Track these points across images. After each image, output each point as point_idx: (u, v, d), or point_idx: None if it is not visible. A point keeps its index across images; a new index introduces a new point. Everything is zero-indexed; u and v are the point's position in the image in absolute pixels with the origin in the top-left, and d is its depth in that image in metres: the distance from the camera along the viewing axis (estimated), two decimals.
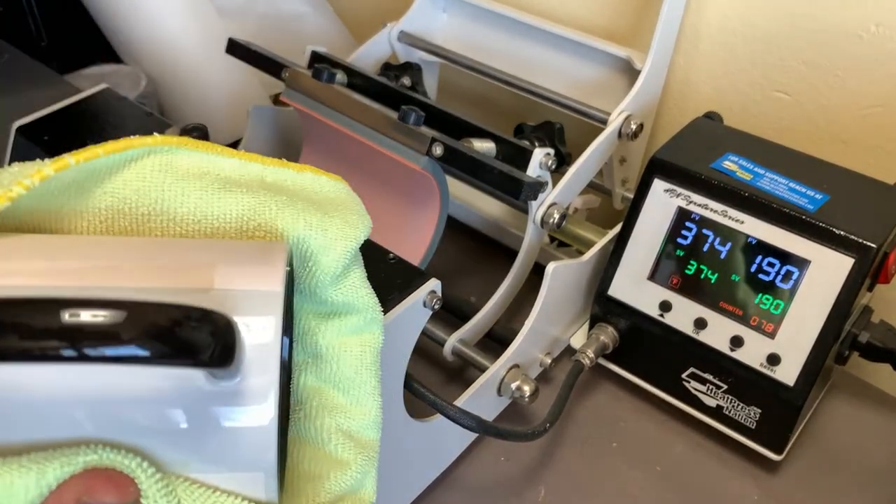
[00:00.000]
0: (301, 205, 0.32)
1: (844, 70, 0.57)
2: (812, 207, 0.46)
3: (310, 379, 0.33)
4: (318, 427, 0.33)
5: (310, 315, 0.33)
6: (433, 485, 0.49)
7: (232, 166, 0.33)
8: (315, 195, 0.34)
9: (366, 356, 0.33)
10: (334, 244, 0.32)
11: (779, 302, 0.47)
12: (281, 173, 0.34)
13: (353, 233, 0.32)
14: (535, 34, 0.65)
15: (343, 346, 0.33)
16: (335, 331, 0.33)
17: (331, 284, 0.32)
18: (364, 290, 0.33)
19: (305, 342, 0.33)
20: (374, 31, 0.69)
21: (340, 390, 0.33)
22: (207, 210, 0.31)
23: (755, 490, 0.50)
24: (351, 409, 0.33)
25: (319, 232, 0.32)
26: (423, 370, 0.57)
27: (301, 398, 0.33)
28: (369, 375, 0.33)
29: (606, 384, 0.57)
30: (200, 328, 0.23)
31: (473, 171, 0.49)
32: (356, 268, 0.34)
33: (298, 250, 0.32)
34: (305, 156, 0.61)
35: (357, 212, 0.34)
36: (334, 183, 0.35)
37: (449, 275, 0.65)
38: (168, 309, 0.23)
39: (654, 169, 0.51)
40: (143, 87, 0.74)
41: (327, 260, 0.32)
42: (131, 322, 0.22)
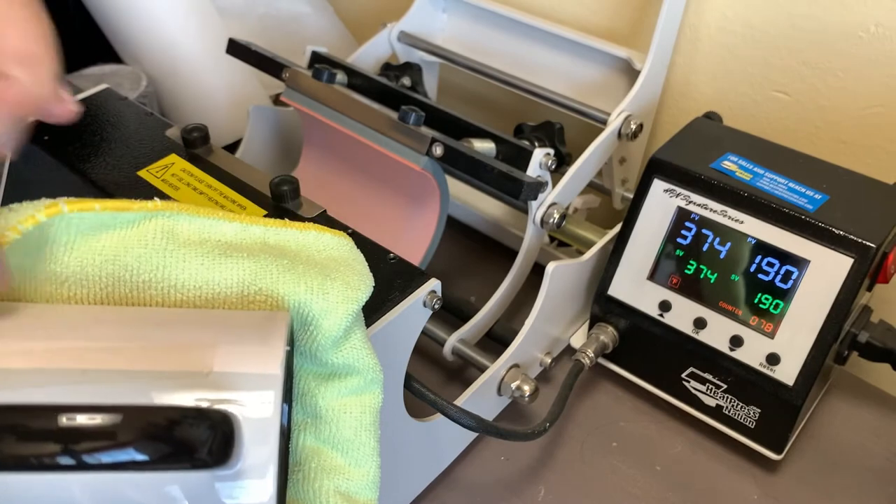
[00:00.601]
0: (302, 268, 0.32)
1: (844, 70, 0.57)
2: (811, 207, 0.47)
3: (309, 439, 0.33)
4: (316, 489, 0.32)
5: (309, 376, 0.33)
6: (433, 484, 0.49)
7: (233, 231, 0.33)
8: (318, 254, 0.33)
9: (365, 417, 0.33)
10: (335, 308, 0.32)
11: (778, 302, 0.47)
12: (283, 234, 0.34)
13: (354, 295, 0.32)
14: (535, 34, 0.65)
15: (343, 407, 0.33)
16: (335, 392, 0.33)
17: (331, 348, 0.32)
18: (365, 351, 0.33)
19: (305, 402, 0.33)
20: (374, 32, 0.69)
21: (339, 451, 0.33)
22: (208, 276, 0.31)
23: (755, 489, 0.50)
24: (350, 470, 0.33)
25: (320, 296, 0.31)
26: (423, 370, 0.57)
27: (300, 459, 0.33)
28: (368, 437, 0.33)
29: (606, 384, 0.57)
30: (197, 430, 0.24)
31: (473, 171, 0.49)
32: (357, 330, 0.33)
33: (299, 314, 0.32)
34: (306, 156, 0.61)
35: (359, 272, 0.34)
36: (337, 240, 0.35)
37: (449, 275, 0.65)
38: (163, 412, 0.23)
39: (654, 169, 0.51)
40: (143, 87, 0.74)
41: (328, 324, 0.32)
42: (128, 427, 0.22)
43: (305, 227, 0.34)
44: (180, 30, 0.74)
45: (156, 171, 0.47)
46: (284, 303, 0.31)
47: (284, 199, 0.45)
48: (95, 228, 0.30)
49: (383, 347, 0.38)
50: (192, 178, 0.46)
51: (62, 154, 0.48)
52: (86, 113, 0.53)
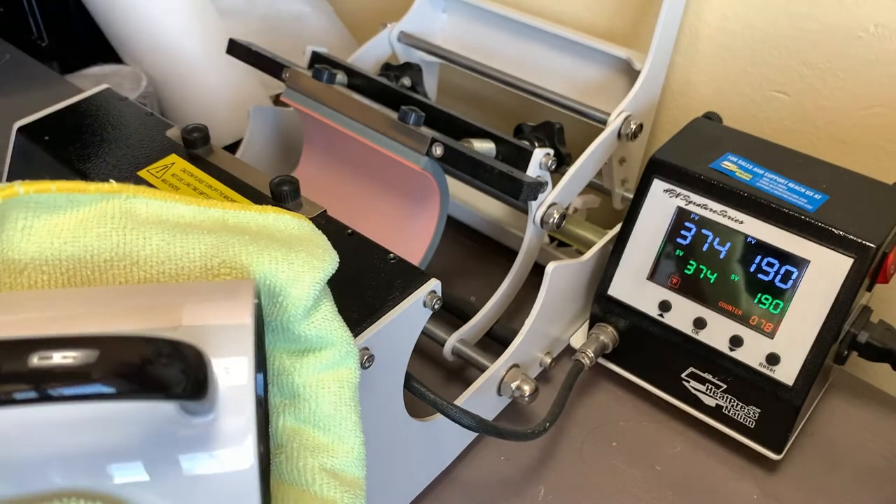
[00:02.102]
0: (265, 241, 0.32)
1: (844, 70, 0.57)
2: (811, 207, 0.47)
3: (288, 420, 0.32)
4: (300, 469, 0.32)
5: (283, 354, 0.33)
6: (433, 484, 0.49)
7: (192, 213, 0.32)
8: (279, 233, 0.33)
9: (344, 392, 0.33)
10: (302, 276, 0.31)
11: (778, 302, 0.47)
12: (243, 216, 0.33)
13: (320, 264, 0.32)
14: (535, 34, 0.65)
15: (320, 383, 0.33)
16: (311, 368, 0.32)
17: (302, 318, 0.32)
18: (336, 323, 0.33)
19: (281, 383, 0.33)
20: (374, 32, 0.69)
21: (321, 429, 0.32)
22: (170, 251, 0.31)
23: (754, 489, 0.50)
24: (333, 447, 0.33)
25: (285, 265, 0.31)
26: (423, 370, 0.57)
27: (281, 441, 0.32)
28: (349, 412, 0.33)
29: (606, 384, 0.57)
30: (171, 361, 0.23)
31: (473, 171, 0.49)
32: (327, 301, 0.33)
33: (266, 286, 0.31)
34: (306, 156, 0.61)
35: (323, 246, 0.33)
36: (298, 221, 0.34)
37: (449, 275, 0.65)
38: (136, 342, 0.23)
39: (654, 169, 0.51)
40: (143, 87, 0.74)
41: (296, 292, 0.31)
42: (100, 357, 0.21)
43: (265, 210, 0.34)
44: (180, 30, 0.74)
45: (156, 172, 0.47)
46: (249, 274, 0.31)
47: (284, 200, 0.45)
48: (52, 210, 0.30)
49: (383, 347, 0.38)
50: (193, 179, 0.46)
51: (62, 154, 0.49)
52: (86, 113, 0.53)
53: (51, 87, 0.78)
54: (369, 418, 0.41)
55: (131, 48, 0.76)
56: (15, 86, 0.78)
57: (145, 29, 0.74)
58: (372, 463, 0.43)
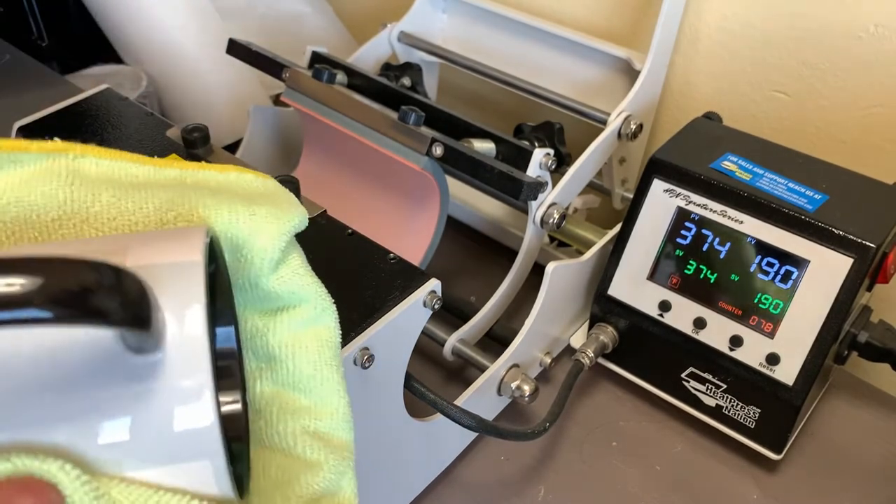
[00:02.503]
0: (225, 195, 0.30)
1: (844, 70, 0.57)
2: (811, 207, 0.47)
3: (266, 385, 0.31)
4: (281, 432, 0.30)
5: (255, 315, 0.31)
6: (433, 484, 0.49)
7: (146, 172, 0.31)
8: (241, 191, 0.32)
9: (323, 351, 0.31)
10: (265, 226, 0.30)
11: (778, 302, 0.47)
12: (202, 174, 0.32)
13: (285, 216, 0.30)
14: (535, 34, 0.65)
15: (296, 342, 0.31)
16: (285, 326, 0.31)
17: (270, 271, 0.30)
18: (308, 277, 0.31)
19: (255, 346, 0.31)
20: (374, 32, 0.69)
21: (301, 391, 0.31)
22: (121, 206, 0.29)
23: (754, 489, 0.50)
24: (316, 409, 0.31)
25: (247, 216, 0.29)
26: (423, 370, 0.57)
27: (259, 407, 0.30)
28: (331, 371, 0.31)
29: (606, 384, 0.57)
30: (112, 286, 0.21)
31: (473, 171, 0.49)
32: (295, 254, 0.31)
33: (228, 240, 0.29)
34: (306, 156, 0.61)
35: (288, 200, 0.32)
36: (262, 179, 0.33)
37: (449, 275, 0.65)
38: (70, 265, 0.20)
39: (654, 169, 0.51)
40: (143, 87, 0.74)
41: (261, 243, 0.29)
42: (30, 279, 0.19)
43: (225, 168, 0.32)
44: (181, 30, 0.74)
45: None
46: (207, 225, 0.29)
47: None
48: None
49: (383, 347, 0.38)
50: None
51: None
52: (86, 113, 0.53)
53: (51, 87, 0.78)
54: (369, 418, 0.41)
55: (131, 48, 0.76)
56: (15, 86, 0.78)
57: (145, 29, 0.74)
58: (372, 463, 0.43)
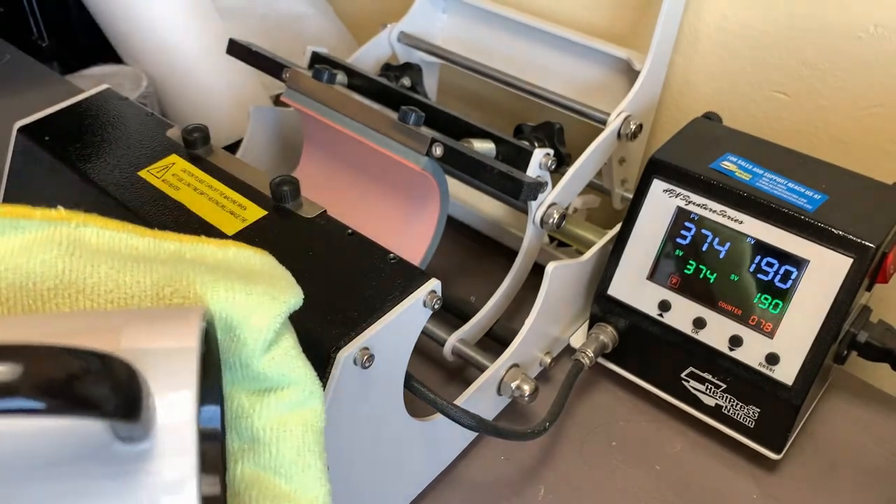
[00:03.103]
0: (222, 272, 0.30)
1: (843, 70, 0.57)
2: (811, 207, 0.47)
3: (247, 467, 0.30)
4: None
5: (242, 394, 0.30)
6: (433, 483, 0.50)
7: (146, 244, 0.31)
8: (239, 268, 0.31)
9: (308, 436, 0.31)
10: (260, 307, 0.29)
11: (778, 301, 0.47)
12: (200, 249, 0.31)
13: (282, 296, 0.30)
14: (535, 35, 0.65)
15: (282, 425, 0.30)
16: (272, 409, 0.30)
17: (262, 353, 0.30)
18: (299, 360, 0.31)
19: (240, 426, 0.30)
20: (374, 32, 0.69)
21: (282, 476, 0.30)
22: (119, 279, 0.29)
23: (754, 489, 0.50)
24: (296, 496, 0.30)
25: (243, 295, 0.29)
26: (423, 370, 0.57)
27: (238, 489, 0.30)
28: (313, 458, 0.31)
29: (606, 384, 0.57)
30: (100, 376, 0.21)
31: (473, 171, 0.49)
32: (288, 336, 0.31)
33: (222, 318, 0.29)
34: (306, 156, 0.61)
35: (286, 280, 0.32)
36: (260, 256, 0.32)
37: (449, 275, 0.65)
38: (62, 355, 0.20)
39: (654, 169, 0.51)
40: (144, 87, 0.74)
41: (255, 322, 0.29)
42: (25, 371, 0.19)
43: (225, 244, 0.32)
44: (181, 30, 0.74)
45: (156, 172, 0.47)
46: (204, 304, 0.29)
47: (285, 200, 0.45)
48: None
49: (383, 347, 0.38)
50: (193, 179, 0.46)
51: (63, 154, 0.49)
52: (86, 113, 0.53)
53: (51, 87, 0.78)
54: (369, 418, 0.41)
55: (132, 48, 0.76)
56: (15, 86, 0.78)
57: (146, 29, 0.74)
58: (372, 462, 0.43)
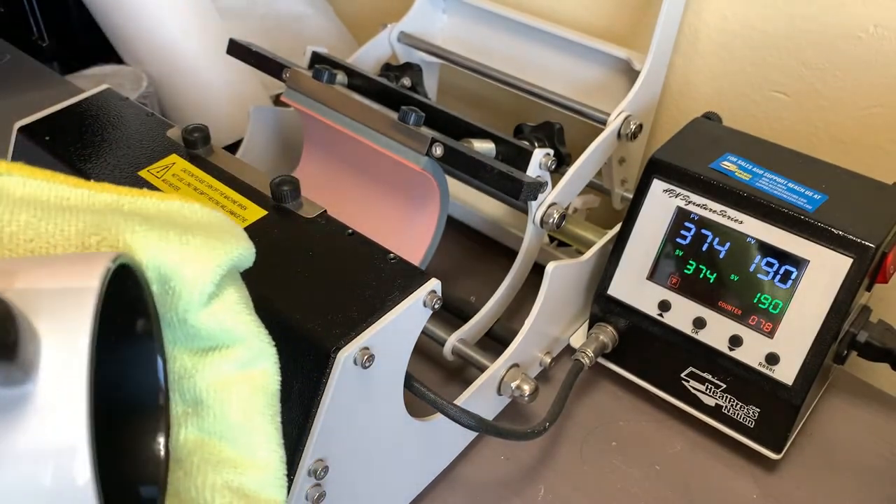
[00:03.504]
0: (159, 223, 0.27)
1: (843, 70, 0.58)
2: (811, 207, 0.47)
3: (191, 432, 0.28)
4: (199, 486, 0.27)
5: (184, 354, 0.28)
6: (433, 483, 0.50)
7: (78, 196, 0.28)
8: (182, 220, 0.29)
9: (256, 399, 0.28)
10: (198, 256, 0.27)
11: (777, 301, 0.47)
12: (141, 201, 0.29)
13: (223, 247, 0.28)
14: (535, 35, 0.65)
15: (226, 386, 0.28)
16: (215, 369, 0.28)
17: (200, 306, 0.27)
18: (246, 316, 0.29)
19: (183, 388, 0.28)
20: (374, 32, 0.69)
21: (227, 441, 0.28)
22: (40, 227, 0.26)
23: (754, 489, 0.50)
24: (242, 461, 0.28)
25: (177, 245, 0.27)
26: (423, 370, 0.57)
27: (181, 455, 0.28)
28: (263, 421, 0.29)
29: (606, 383, 0.57)
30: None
31: (473, 171, 0.49)
32: (233, 289, 0.29)
33: (156, 270, 0.27)
34: (306, 156, 0.61)
35: (233, 233, 0.29)
36: (209, 210, 0.30)
37: (449, 275, 0.65)
38: None
39: (654, 169, 0.51)
40: (144, 87, 0.74)
41: (191, 273, 0.27)
42: None
43: (167, 196, 0.30)
44: (181, 30, 0.74)
45: (156, 172, 0.47)
46: (133, 253, 0.26)
47: (285, 200, 0.45)
48: None
49: (383, 347, 0.38)
50: (193, 179, 0.47)
51: (63, 154, 0.49)
52: (87, 113, 0.53)
53: (51, 88, 0.78)
54: (369, 418, 0.41)
55: (132, 48, 0.76)
56: (15, 86, 0.78)
57: (146, 29, 0.74)
58: (372, 462, 0.43)
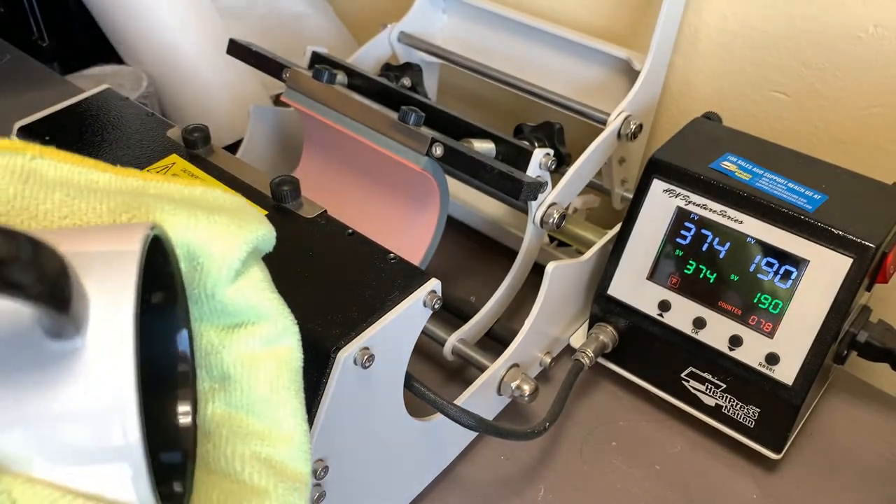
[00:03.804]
0: (185, 204, 0.28)
1: (843, 70, 0.58)
2: (811, 207, 0.47)
3: (218, 406, 0.29)
4: (228, 456, 0.28)
5: (211, 330, 0.29)
6: (433, 483, 0.50)
7: (106, 179, 0.29)
8: (206, 203, 0.30)
9: (282, 374, 0.29)
10: (226, 234, 0.28)
11: (777, 301, 0.47)
12: (166, 186, 0.30)
13: (248, 226, 0.29)
14: (535, 35, 0.65)
15: (253, 361, 0.29)
16: (242, 344, 0.29)
17: (227, 282, 0.28)
18: (270, 293, 0.29)
19: (210, 364, 0.29)
20: (374, 32, 0.69)
21: (254, 414, 0.29)
22: (73, 205, 0.27)
23: (754, 489, 0.50)
24: (270, 434, 0.29)
25: (206, 224, 0.28)
26: (423, 370, 0.57)
27: (209, 429, 0.29)
28: (289, 396, 0.29)
29: (606, 383, 0.57)
30: (29, 259, 0.19)
31: (473, 171, 0.49)
32: (257, 269, 0.30)
33: (185, 247, 0.28)
34: (306, 156, 0.61)
35: (256, 216, 0.30)
36: (231, 196, 0.31)
37: (449, 275, 0.65)
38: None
39: (654, 169, 0.51)
40: (144, 87, 0.74)
41: (219, 250, 0.28)
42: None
43: (192, 183, 0.30)
44: (181, 30, 0.74)
45: (157, 172, 0.47)
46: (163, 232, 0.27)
47: (285, 200, 0.45)
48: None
49: (383, 347, 0.38)
50: (193, 179, 0.46)
51: None
52: (86, 113, 0.53)
53: (51, 88, 0.78)
54: (369, 418, 0.41)
55: (132, 48, 0.76)
56: (15, 86, 0.78)
57: (146, 29, 0.74)
58: (372, 462, 0.43)
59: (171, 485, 0.26)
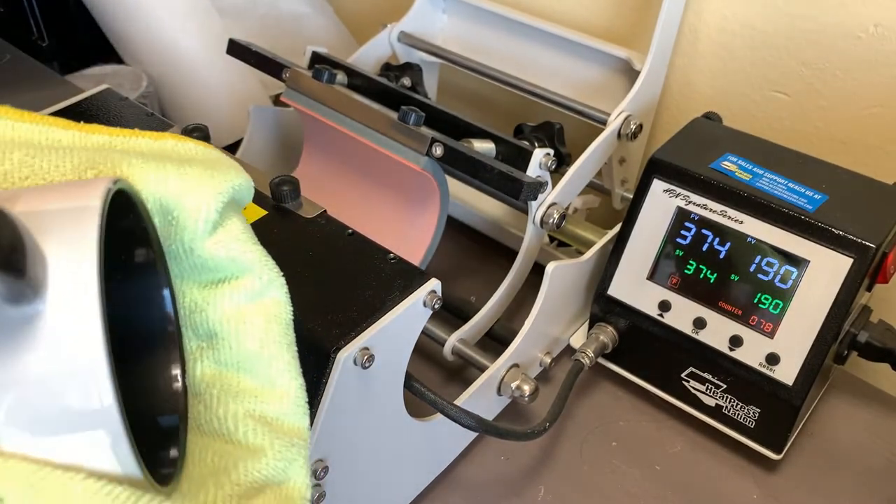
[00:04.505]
0: (154, 157, 0.27)
1: (843, 70, 0.57)
2: (811, 207, 0.47)
3: (207, 366, 0.28)
4: (221, 416, 0.27)
5: (194, 288, 0.28)
6: (433, 484, 0.50)
7: (70, 137, 0.28)
8: (177, 156, 0.28)
9: (271, 328, 0.28)
10: (198, 185, 0.27)
11: (778, 302, 0.47)
12: (134, 141, 0.29)
13: (222, 176, 0.27)
14: (535, 35, 0.65)
15: (240, 317, 0.28)
16: (227, 299, 0.28)
17: (206, 234, 0.27)
18: (251, 244, 0.28)
19: (195, 322, 0.28)
20: (374, 32, 0.69)
21: (245, 371, 0.28)
22: (34, 164, 0.26)
23: (754, 489, 0.50)
24: (262, 391, 0.28)
25: (176, 176, 0.26)
26: (423, 370, 0.57)
27: (199, 390, 0.28)
28: (280, 350, 0.28)
29: (606, 384, 0.57)
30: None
31: (473, 171, 0.49)
32: (236, 219, 0.28)
33: (157, 203, 0.26)
34: (306, 156, 0.61)
35: (231, 165, 0.29)
36: (203, 148, 0.29)
37: (449, 275, 0.65)
38: None
39: (654, 169, 0.51)
40: (144, 87, 0.74)
41: (192, 202, 0.26)
42: None
43: (162, 136, 0.29)
44: (181, 30, 0.74)
45: None
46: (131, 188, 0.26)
47: (284, 200, 0.45)
48: None
49: (383, 347, 0.38)
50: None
51: None
52: (86, 113, 0.53)
53: (51, 88, 0.78)
54: (369, 418, 0.41)
55: (132, 48, 0.76)
56: (15, 86, 0.78)
57: (146, 29, 0.74)
58: (372, 463, 0.43)
59: (168, 451, 0.25)
